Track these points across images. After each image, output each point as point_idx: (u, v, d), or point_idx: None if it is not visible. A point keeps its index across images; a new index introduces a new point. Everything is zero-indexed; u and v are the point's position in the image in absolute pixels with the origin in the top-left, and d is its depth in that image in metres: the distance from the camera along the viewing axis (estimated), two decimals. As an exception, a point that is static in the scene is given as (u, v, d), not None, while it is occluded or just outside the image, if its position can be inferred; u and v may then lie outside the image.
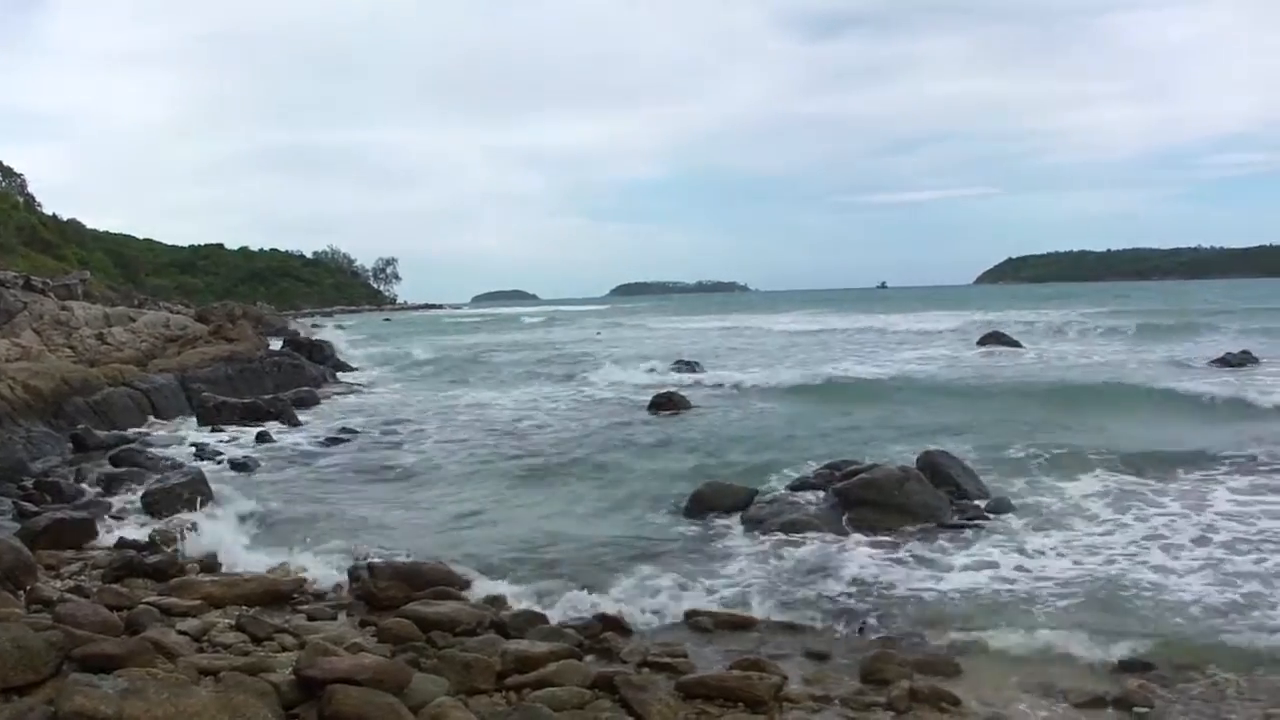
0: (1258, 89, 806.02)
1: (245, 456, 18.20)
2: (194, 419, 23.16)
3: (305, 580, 10.39)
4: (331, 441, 20.32)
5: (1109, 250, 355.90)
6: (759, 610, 9.65)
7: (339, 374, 36.45)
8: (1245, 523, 12.25)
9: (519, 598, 9.95)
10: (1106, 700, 7.57)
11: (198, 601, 9.34)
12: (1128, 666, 8.18)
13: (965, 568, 10.86)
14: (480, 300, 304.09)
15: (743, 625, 9.30)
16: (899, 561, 11.16)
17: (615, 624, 9.14)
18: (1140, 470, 15.06)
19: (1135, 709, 7.42)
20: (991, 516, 12.86)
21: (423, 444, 20.10)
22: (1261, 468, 15.27)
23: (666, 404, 24.21)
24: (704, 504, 13.41)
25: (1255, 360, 31.75)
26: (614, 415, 23.81)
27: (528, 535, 12.45)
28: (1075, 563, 10.91)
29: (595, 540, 12.22)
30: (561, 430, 21.60)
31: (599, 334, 64.92)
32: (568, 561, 11.30)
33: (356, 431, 21.64)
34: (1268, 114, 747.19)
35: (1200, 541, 11.53)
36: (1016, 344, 41.51)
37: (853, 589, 10.24)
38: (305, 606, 9.70)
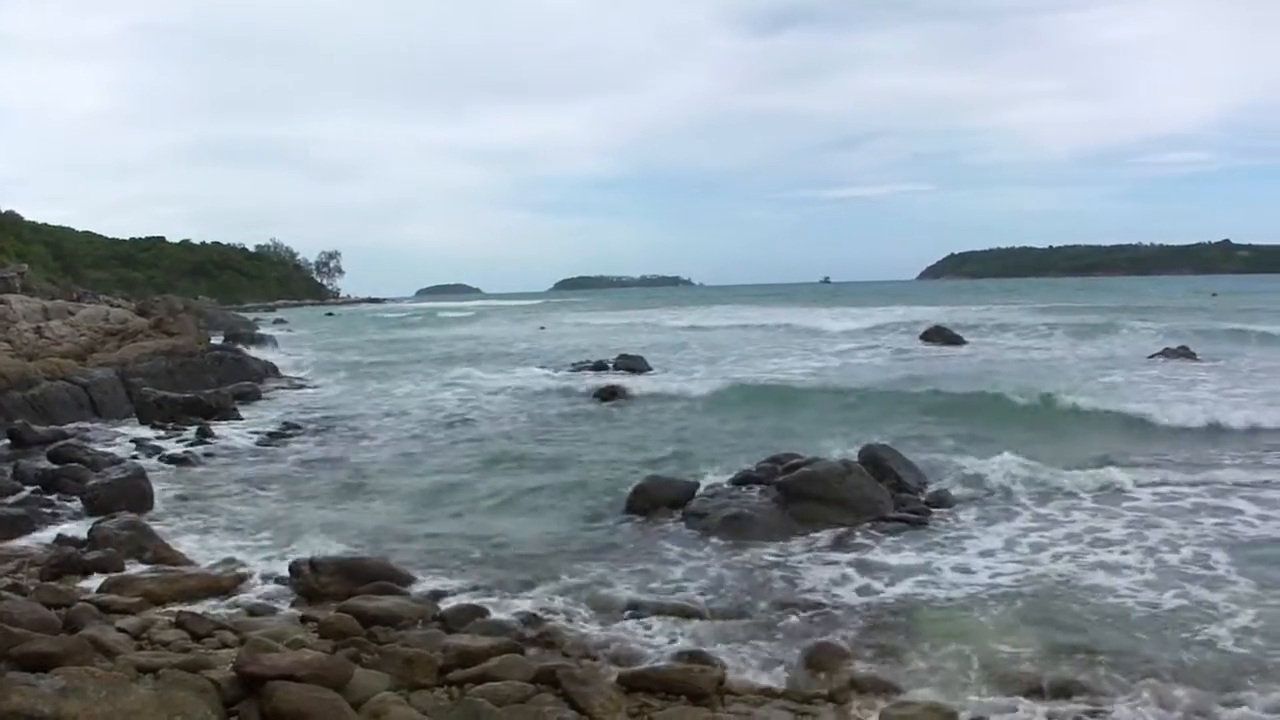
0: (1196, 89, 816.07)
1: (186, 452, 18.07)
2: (134, 414, 22.92)
3: (246, 576, 10.35)
4: (273, 436, 20.20)
5: (1050, 247, 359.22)
6: (701, 603, 9.67)
7: (280, 366, 36.15)
8: (1177, 518, 12.43)
9: (461, 592, 9.96)
10: (1046, 690, 7.65)
11: (137, 599, 9.27)
12: (1068, 653, 8.28)
13: (906, 560, 10.96)
14: (424, 294, 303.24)
15: (685, 617, 9.30)
16: (841, 554, 11.24)
17: (556, 617, 9.15)
18: (1072, 466, 15.21)
19: (1075, 697, 7.52)
20: (932, 510, 12.99)
21: (364, 438, 20.03)
22: (1199, 464, 15.52)
23: (610, 397, 24.22)
24: (646, 497, 13.42)
25: (1193, 355, 32.22)
26: (556, 408, 23.79)
27: (470, 529, 12.44)
28: (1015, 555, 11.06)
29: (537, 533, 12.23)
30: (503, 424, 21.60)
31: (542, 328, 64.85)
32: (509, 555, 11.30)
33: (298, 426, 21.53)
34: (1206, 114, 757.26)
35: (1134, 536, 11.69)
36: (960, 340, 41.80)
37: (794, 581, 10.32)
38: (246, 602, 9.66)
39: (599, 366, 33.07)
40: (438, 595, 9.80)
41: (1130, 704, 7.37)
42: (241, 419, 22.66)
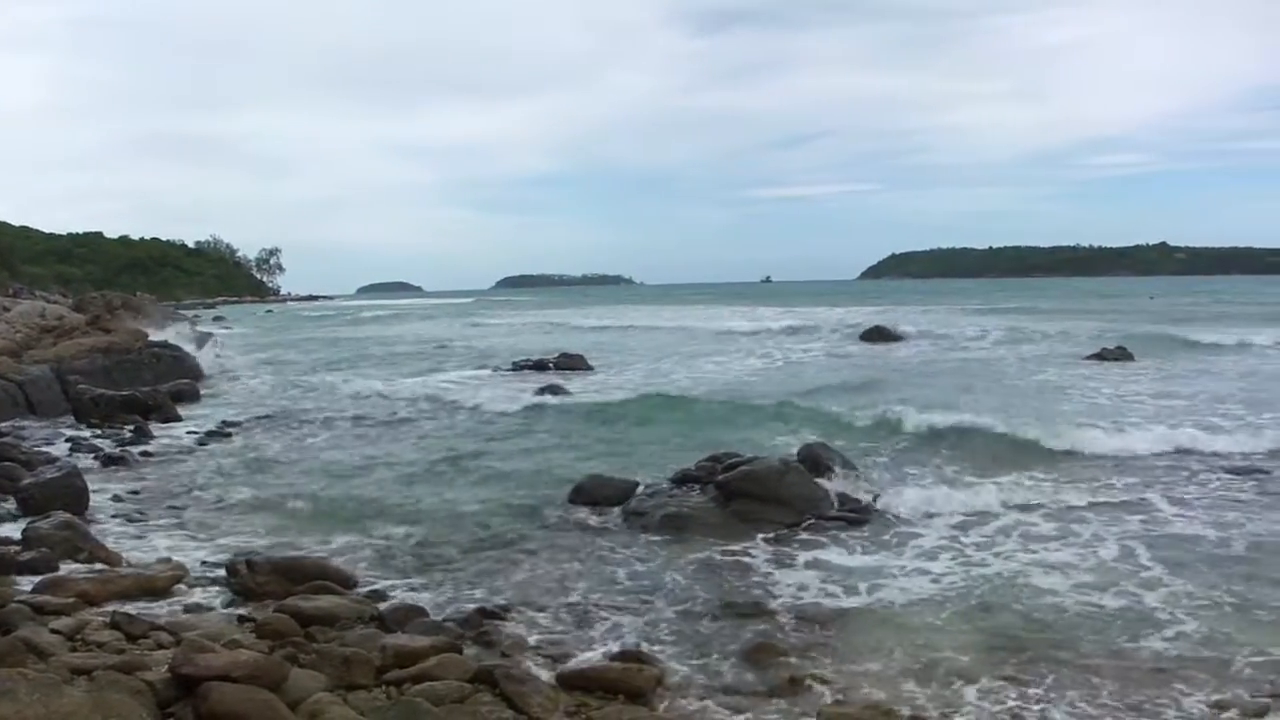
0: (1134, 92, 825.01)
1: (123, 451, 17.89)
2: (71, 412, 22.67)
3: (182, 576, 10.25)
4: (211, 435, 20.03)
5: (991, 248, 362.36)
6: (640, 601, 9.73)
7: (219, 363, 35.91)
8: (1105, 514, 12.65)
9: (399, 592, 9.95)
10: (981, 682, 7.79)
11: (71, 599, 9.16)
12: (1003, 650, 8.41)
13: (845, 558, 11.07)
14: (365, 292, 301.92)
15: (623, 616, 9.34)
16: (779, 552, 11.33)
17: (495, 616, 9.14)
18: (1007, 465, 15.41)
19: (1011, 692, 7.64)
20: (871, 508, 13.08)
21: (303, 437, 19.90)
22: (1133, 460, 15.73)
23: (549, 395, 24.22)
24: (585, 497, 13.47)
25: (1130, 356, 32.69)
26: (495, 407, 23.77)
27: (408, 528, 12.40)
28: (953, 553, 11.19)
29: (476, 533, 12.22)
30: (441, 423, 21.51)
31: (475, 326, 64.74)
32: (448, 554, 11.29)
33: (237, 424, 21.39)
34: (1143, 117, 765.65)
35: (1067, 533, 11.91)
36: (899, 338, 42.12)
37: (733, 580, 10.39)
38: (182, 603, 9.58)
39: (539, 365, 33.04)
40: (376, 595, 9.77)
41: (1068, 700, 7.50)
42: (180, 417, 22.44)
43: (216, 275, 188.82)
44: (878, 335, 42.83)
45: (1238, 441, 16.62)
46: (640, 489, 13.67)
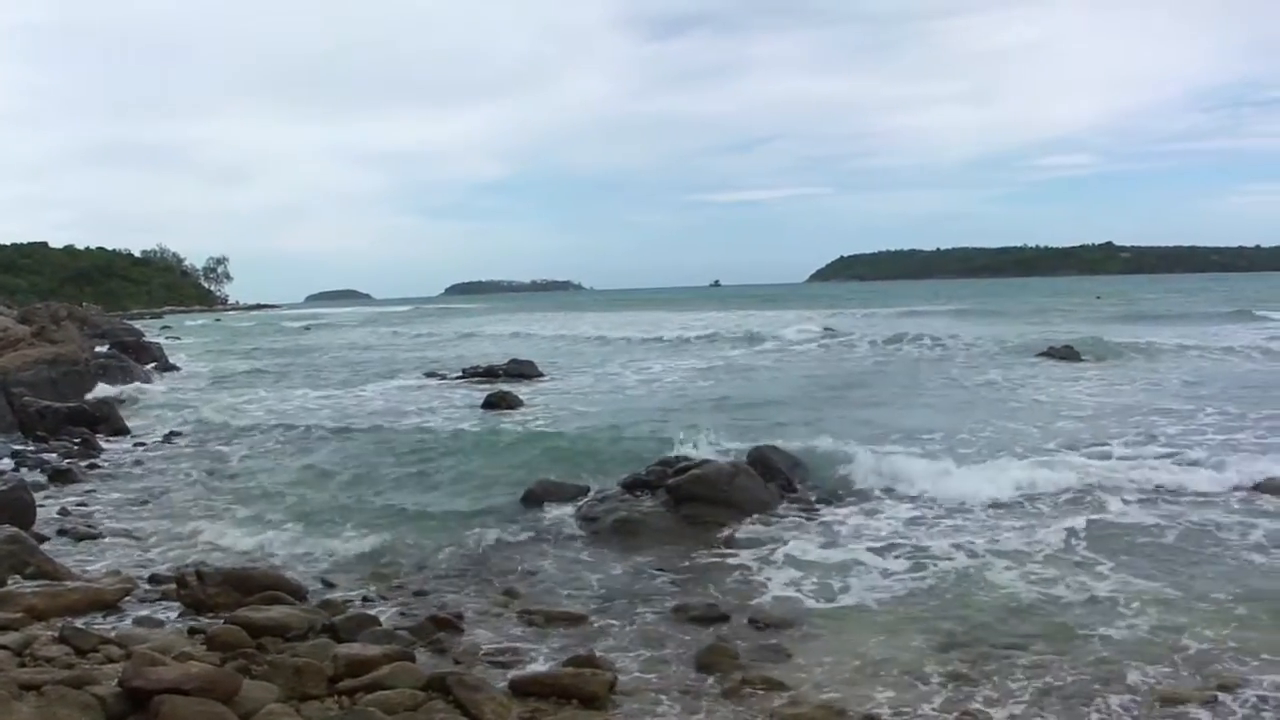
0: (1080, 94, 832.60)
1: (70, 464, 17.71)
2: (16, 425, 22.40)
3: (131, 589, 10.16)
4: (158, 446, 19.90)
5: (938, 249, 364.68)
6: (592, 605, 9.76)
7: (166, 375, 35.69)
8: (1054, 506, 12.78)
9: (351, 601, 9.92)
10: (933, 680, 7.85)
11: (19, 614, 9.07)
12: (955, 648, 8.50)
13: (796, 558, 11.09)
14: (313, 300, 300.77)
15: (576, 621, 9.38)
16: (730, 555, 11.38)
17: (448, 624, 9.13)
18: (943, 455, 15.61)
19: (963, 688, 7.71)
20: (821, 508, 13.18)
21: (250, 448, 19.76)
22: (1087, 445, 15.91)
23: (499, 403, 24.20)
24: (537, 501, 13.51)
25: (1077, 356, 33.09)
26: (445, 414, 23.73)
27: (359, 537, 12.35)
28: (901, 549, 11.28)
29: (426, 540, 12.20)
30: (390, 431, 21.38)
31: (424, 334, 64.56)
32: (400, 563, 11.28)
33: (182, 434, 21.24)
34: (1089, 118, 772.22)
35: (1007, 525, 12.10)
36: (848, 337, 42.38)
37: (685, 583, 10.43)
38: (132, 616, 9.51)
39: (490, 373, 32.96)
40: (328, 604, 9.72)
41: (1020, 696, 7.59)
42: (128, 429, 22.24)
43: (164, 284, 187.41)
44: (829, 337, 42.99)
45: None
46: (591, 494, 13.72)
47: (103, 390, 27.70)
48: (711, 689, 7.78)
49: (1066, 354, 33.31)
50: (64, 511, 13.95)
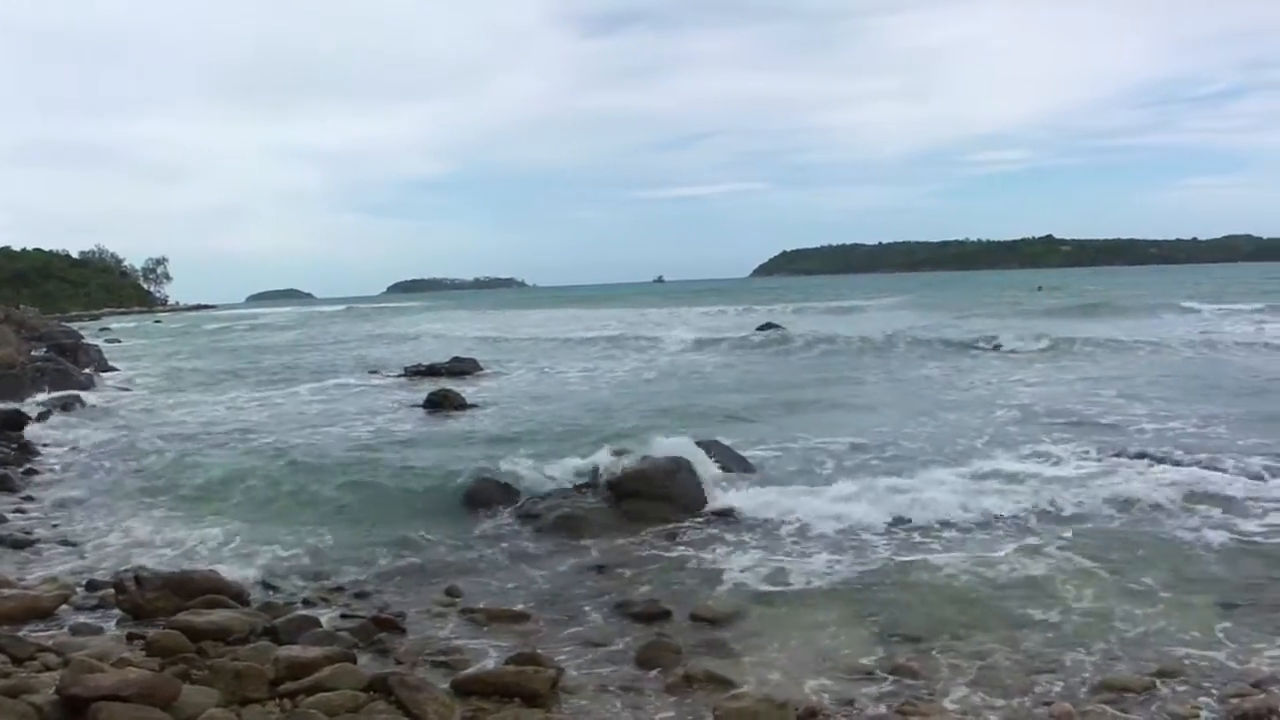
0: (1018, 89, 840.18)
1: (4, 470, 17.48)
2: (-50, 430, 22.12)
3: (69, 595, 10.06)
4: (95, 449, 19.65)
5: (881, 243, 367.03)
6: (534, 603, 9.77)
7: (104, 377, 35.29)
8: (1006, 498, 12.86)
9: (292, 602, 9.88)
10: (877, 673, 7.92)
11: (-46, 623, 9.01)
12: (896, 640, 8.58)
13: (737, 552, 11.18)
14: (254, 300, 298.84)
15: (518, 619, 9.38)
16: (671, 550, 11.43)
17: (389, 624, 9.11)
18: (892, 453, 15.76)
19: (905, 680, 7.77)
20: (760, 500, 13.20)
21: (190, 451, 19.52)
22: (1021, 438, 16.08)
23: (441, 401, 24.13)
24: (478, 499, 13.48)
25: (1016, 340, 33.80)
26: (386, 413, 23.66)
27: (299, 539, 12.31)
28: (844, 542, 11.37)
29: (368, 540, 12.18)
30: (332, 431, 21.28)
31: (361, 334, 64.31)
32: (340, 563, 11.24)
33: (120, 437, 20.97)
34: (1027, 114, 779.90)
35: (948, 513, 12.25)
36: (790, 332, 42.56)
37: (627, 578, 10.46)
38: (69, 623, 9.41)
39: (432, 371, 32.85)
40: (269, 607, 9.68)
41: (960, 683, 7.69)
42: (65, 432, 21.99)
43: (102, 286, 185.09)
44: (771, 331, 43.13)
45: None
46: (533, 490, 13.68)
47: (40, 394, 27.35)
48: (654, 684, 7.81)
49: (1003, 347, 33.87)
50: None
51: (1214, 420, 18.18)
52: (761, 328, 44.04)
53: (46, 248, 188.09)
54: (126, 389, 32.70)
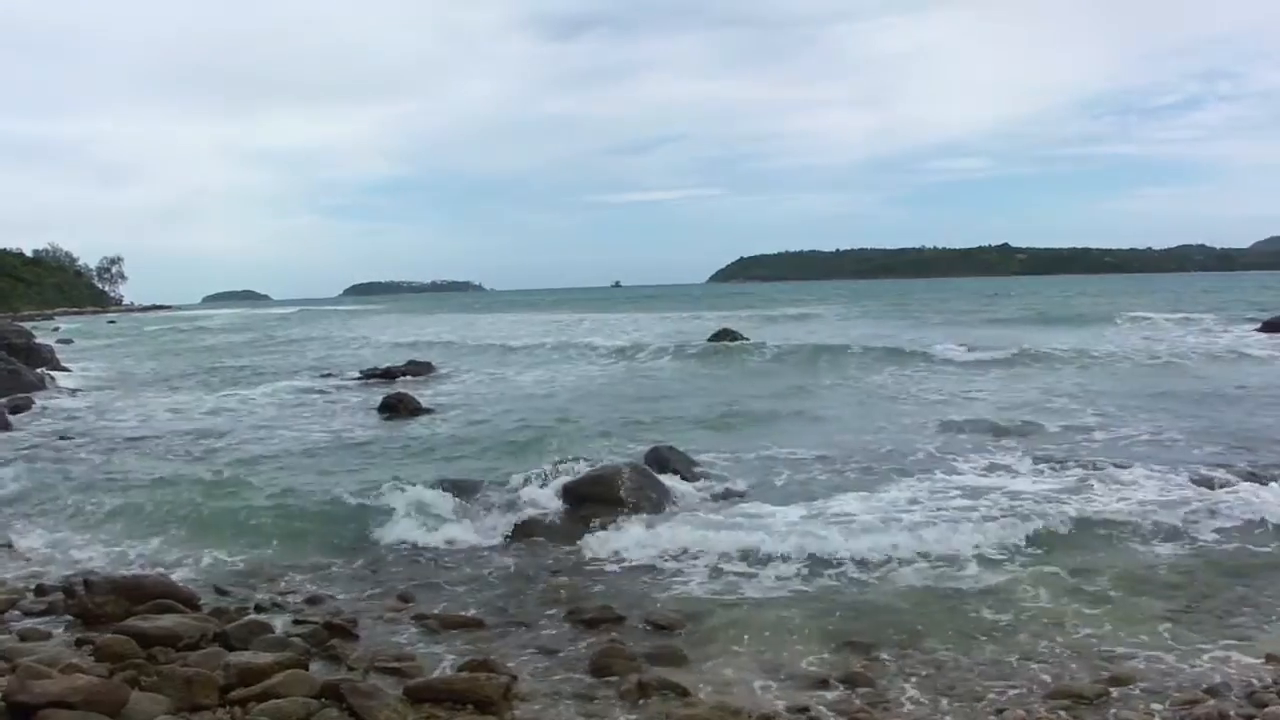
0: (975, 98, 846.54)
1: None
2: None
3: (16, 600, 9.96)
4: (45, 451, 19.46)
5: (838, 250, 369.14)
6: (488, 609, 9.74)
7: (56, 377, 34.94)
8: (959, 508, 12.90)
9: (244, 607, 9.79)
10: (831, 681, 7.93)
11: (-101, 629, 8.90)
12: (851, 647, 8.60)
13: (692, 558, 11.16)
14: (211, 300, 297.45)
15: (471, 626, 9.35)
16: (626, 556, 11.40)
17: (342, 630, 9.06)
18: (847, 463, 15.83)
19: (859, 689, 7.79)
20: (716, 506, 13.29)
21: (140, 452, 19.34)
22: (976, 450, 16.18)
23: (397, 404, 24.06)
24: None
25: (971, 350, 34.02)
26: (341, 416, 23.58)
27: (251, 541, 12.24)
28: (798, 548, 11.28)
29: (320, 544, 12.13)
30: (285, 433, 21.15)
31: (317, 336, 64.06)
32: (292, 568, 11.16)
33: (70, 439, 20.78)
34: (984, 122, 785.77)
35: (902, 522, 12.16)
36: (747, 340, 42.60)
37: (582, 584, 10.43)
38: (17, 628, 9.30)
39: (388, 374, 32.77)
40: (220, 612, 9.59)
41: (914, 691, 7.72)
42: (14, 432, 21.77)
43: (56, 285, 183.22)
44: (724, 339, 43.14)
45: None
46: (488, 495, 13.63)
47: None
48: (608, 692, 7.79)
49: (955, 358, 34.16)
50: (-53, 520, 13.63)
51: (1166, 428, 18.37)
52: (716, 335, 43.97)
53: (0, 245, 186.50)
54: (79, 390, 32.38)
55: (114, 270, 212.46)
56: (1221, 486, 13.50)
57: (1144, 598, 9.59)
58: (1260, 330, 42.94)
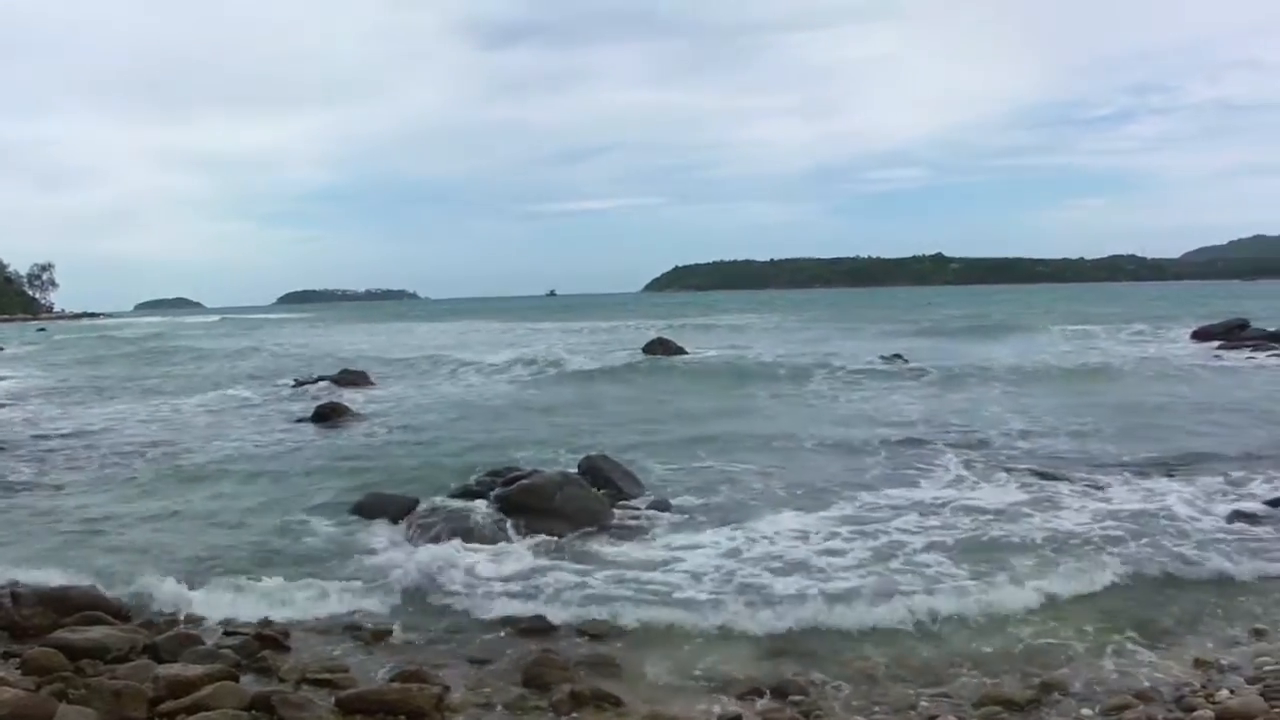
0: (911, 109, 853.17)
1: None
2: None
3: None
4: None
5: (772, 260, 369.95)
6: (420, 619, 9.70)
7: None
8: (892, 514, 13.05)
9: (174, 619, 9.71)
10: (764, 690, 7.98)
11: None
12: (783, 656, 8.68)
13: (624, 568, 11.18)
14: (143, 308, 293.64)
15: (405, 635, 9.30)
16: (560, 565, 11.40)
17: (273, 642, 9.00)
18: (783, 473, 15.96)
19: (791, 697, 7.84)
20: (651, 516, 13.30)
21: (70, 461, 19.09)
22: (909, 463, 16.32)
23: (329, 413, 23.92)
24: (366, 514, 13.39)
25: (905, 360, 34.27)
26: (272, 424, 23.43)
27: (183, 552, 12.10)
28: (730, 557, 11.42)
29: (253, 556, 12.00)
30: (215, 441, 20.97)
31: (250, 344, 63.46)
32: (222, 579, 10.98)
33: (3, 448, 20.51)
34: (920, 133, 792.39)
35: (839, 534, 12.30)
36: (682, 350, 42.68)
37: (515, 595, 10.39)
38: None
39: (321, 381, 32.54)
40: (149, 624, 9.52)
41: (847, 699, 7.80)
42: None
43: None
44: (660, 348, 43.15)
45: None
46: (422, 505, 13.59)
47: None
48: (540, 702, 7.79)
49: (894, 360, 34.55)
50: None
51: (1096, 437, 18.75)
52: (650, 345, 43.97)
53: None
54: (5, 403, 31.87)
55: (45, 277, 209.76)
56: (1150, 494, 13.77)
57: (1075, 604, 9.73)
58: (1192, 338, 43.87)
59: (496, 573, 11.14)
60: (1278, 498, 13.47)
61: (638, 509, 13.58)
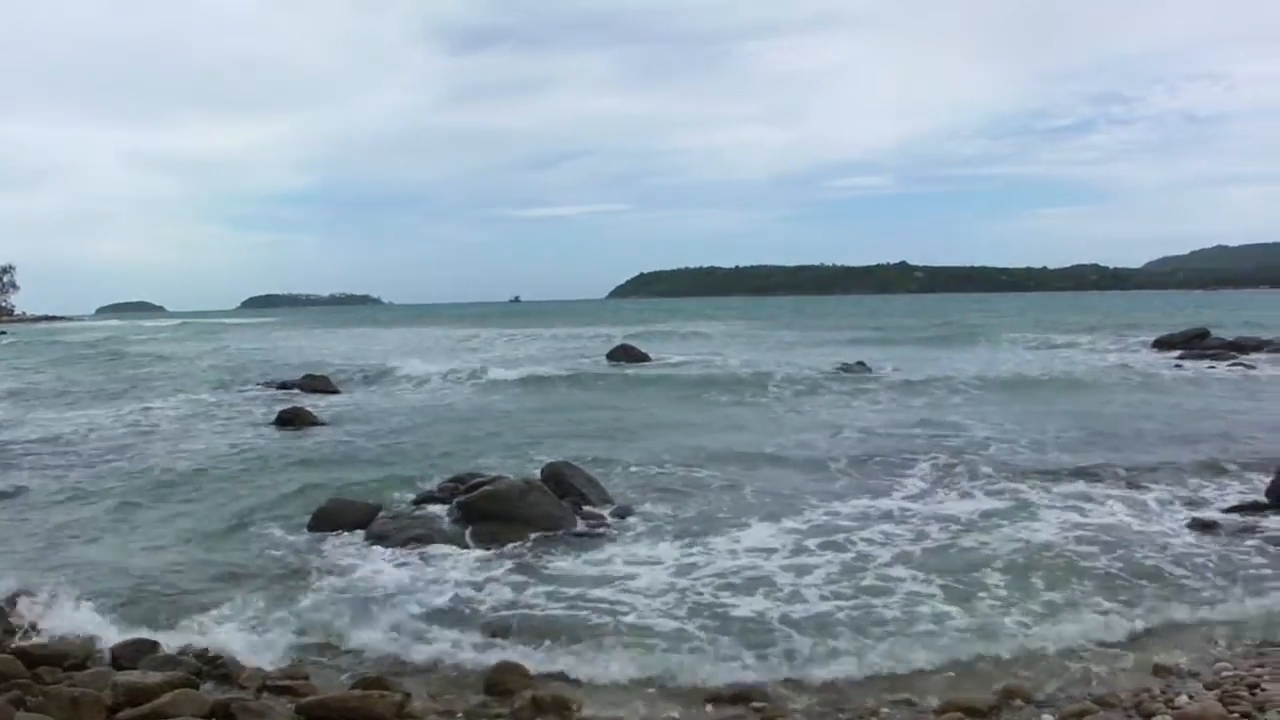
0: (876, 118, 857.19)
1: None
2: None
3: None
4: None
5: (737, 267, 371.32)
6: (381, 626, 9.65)
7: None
8: (845, 533, 12.95)
9: (132, 626, 9.60)
10: (723, 696, 7.99)
11: None
12: (744, 662, 8.66)
13: (587, 576, 11.19)
14: (104, 312, 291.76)
15: (365, 642, 9.26)
16: (522, 572, 11.39)
17: (234, 649, 8.96)
18: (747, 482, 15.95)
19: (753, 704, 7.85)
20: (614, 524, 13.29)
21: (28, 467, 18.93)
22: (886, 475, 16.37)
23: (292, 418, 23.82)
24: (327, 521, 13.29)
25: (868, 369, 34.37)
26: (235, 430, 23.31)
27: (142, 560, 12.06)
28: (691, 569, 11.36)
29: (213, 561, 11.95)
30: (177, 448, 20.80)
31: (213, 348, 63.17)
32: (183, 585, 10.97)
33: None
34: (885, 142, 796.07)
35: (806, 547, 12.22)
36: (646, 357, 42.75)
37: (477, 601, 10.39)
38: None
39: (285, 387, 32.45)
40: (108, 631, 9.44)
41: (808, 705, 7.84)
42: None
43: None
44: (624, 355, 43.20)
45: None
46: (383, 512, 13.57)
47: None
48: (501, 708, 7.79)
49: (858, 368, 34.68)
50: None
51: (1056, 445, 18.89)
52: (614, 352, 44.00)
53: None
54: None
55: (5, 280, 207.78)
56: (1111, 502, 13.87)
57: (1036, 611, 9.76)
58: (1152, 347, 44.26)
59: (457, 579, 11.12)
60: (1236, 505, 13.65)
61: (601, 516, 13.57)
